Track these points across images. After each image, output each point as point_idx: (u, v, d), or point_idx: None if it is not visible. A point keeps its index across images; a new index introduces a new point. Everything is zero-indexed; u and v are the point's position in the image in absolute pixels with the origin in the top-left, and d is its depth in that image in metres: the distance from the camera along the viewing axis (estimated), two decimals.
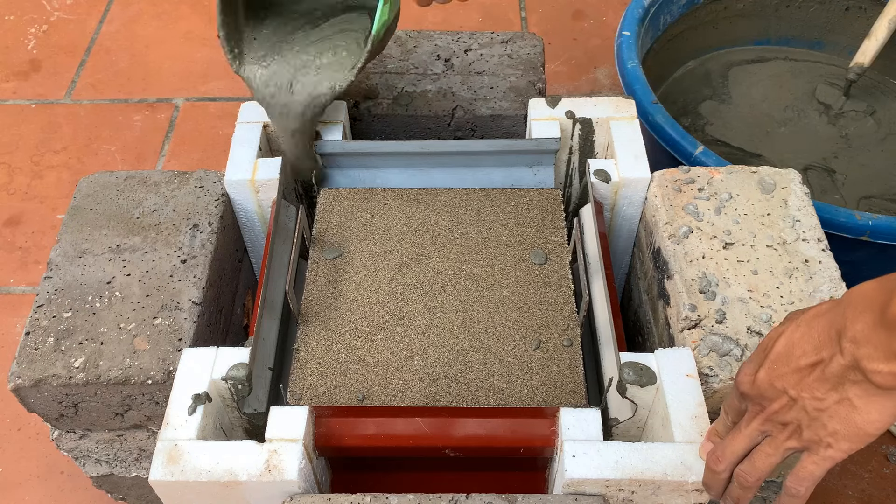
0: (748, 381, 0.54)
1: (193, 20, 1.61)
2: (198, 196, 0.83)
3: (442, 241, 0.81)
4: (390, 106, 0.93)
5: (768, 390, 0.52)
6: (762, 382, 0.52)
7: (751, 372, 0.53)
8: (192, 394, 0.66)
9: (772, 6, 1.34)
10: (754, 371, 0.53)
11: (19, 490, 0.99)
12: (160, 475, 0.62)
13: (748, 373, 0.54)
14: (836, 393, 0.49)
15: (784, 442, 0.52)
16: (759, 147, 1.22)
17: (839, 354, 0.48)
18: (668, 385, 0.66)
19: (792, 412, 0.51)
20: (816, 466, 0.51)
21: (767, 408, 0.53)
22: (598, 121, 0.89)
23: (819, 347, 0.49)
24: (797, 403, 0.51)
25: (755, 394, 0.53)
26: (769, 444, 0.53)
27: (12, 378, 0.70)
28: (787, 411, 0.51)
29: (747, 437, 0.54)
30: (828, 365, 0.49)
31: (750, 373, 0.54)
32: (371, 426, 0.68)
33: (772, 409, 0.52)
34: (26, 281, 1.20)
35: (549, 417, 0.67)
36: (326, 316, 0.75)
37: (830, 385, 0.49)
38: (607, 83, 1.49)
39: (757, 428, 0.54)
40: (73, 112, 1.44)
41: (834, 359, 0.48)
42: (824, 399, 0.49)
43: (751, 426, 0.54)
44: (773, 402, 0.52)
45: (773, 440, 0.53)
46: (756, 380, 0.53)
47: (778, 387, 0.51)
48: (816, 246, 0.75)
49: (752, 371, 0.53)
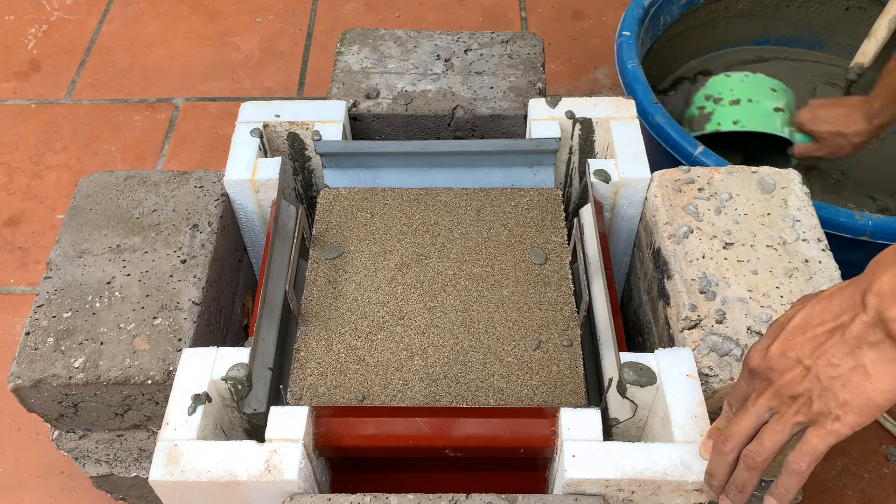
0: (758, 356, 0.54)
1: (193, 20, 1.61)
2: (198, 196, 0.83)
3: (442, 241, 0.81)
4: (390, 106, 0.93)
5: (780, 361, 0.52)
6: (774, 354, 0.52)
7: (762, 347, 0.54)
8: (191, 394, 0.66)
9: (772, 6, 1.34)
10: (767, 346, 0.53)
11: (19, 490, 0.99)
12: (160, 475, 0.62)
13: (759, 348, 0.54)
14: (852, 358, 0.49)
15: (792, 416, 0.52)
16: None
17: (862, 312, 0.48)
18: (668, 385, 0.66)
19: (804, 382, 0.51)
20: (821, 440, 0.51)
21: (777, 380, 0.52)
22: (598, 121, 0.89)
23: (840, 313, 0.49)
24: (810, 372, 0.50)
25: (765, 367, 0.53)
26: (777, 420, 0.53)
27: (12, 378, 0.70)
28: (800, 381, 0.51)
29: (754, 414, 0.54)
30: (848, 327, 0.49)
31: (761, 348, 0.54)
32: (371, 426, 0.68)
33: (782, 380, 0.52)
34: (26, 281, 1.20)
35: (549, 417, 0.67)
36: (326, 316, 0.75)
37: (848, 349, 0.49)
38: (607, 83, 1.49)
39: (765, 404, 0.54)
40: (73, 112, 1.44)
41: (856, 318, 0.48)
42: (839, 365, 0.49)
43: (758, 402, 0.54)
44: (785, 373, 0.52)
45: (781, 416, 0.53)
46: (768, 352, 0.53)
47: (791, 356, 0.51)
48: (816, 246, 0.75)
49: (765, 346, 0.53)
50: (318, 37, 1.58)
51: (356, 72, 0.97)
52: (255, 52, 1.54)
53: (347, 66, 0.97)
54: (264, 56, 1.54)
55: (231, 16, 1.62)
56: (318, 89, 1.48)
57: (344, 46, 1.00)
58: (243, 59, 1.53)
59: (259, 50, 1.55)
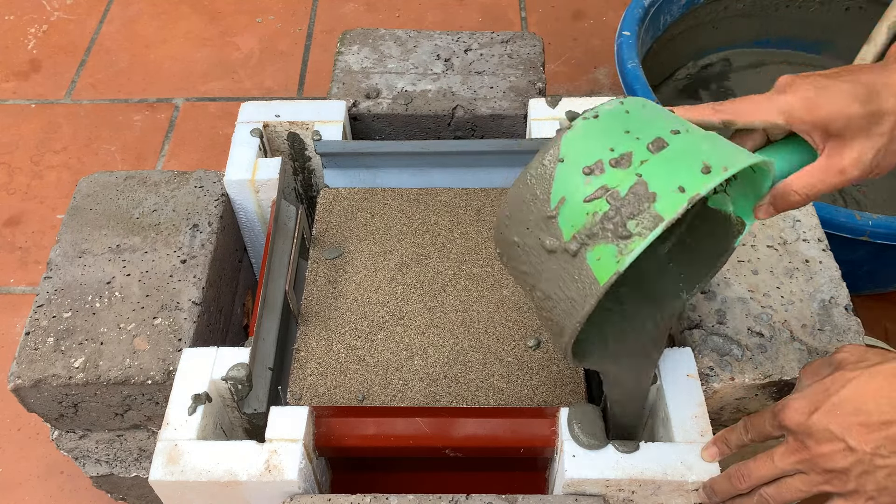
0: (799, 419, 0.52)
1: (193, 20, 1.61)
2: (198, 196, 0.83)
3: (442, 241, 0.81)
4: (390, 106, 0.93)
5: (822, 433, 0.51)
6: (817, 424, 0.51)
7: (804, 410, 0.52)
8: (192, 394, 0.66)
9: (772, 6, 1.34)
10: (810, 410, 0.52)
11: (19, 490, 0.99)
12: (160, 475, 0.62)
13: (801, 410, 0.52)
14: None
15: (821, 485, 0.52)
16: None
17: None
18: (668, 385, 0.66)
19: (844, 461, 0.50)
20: None
21: (814, 449, 0.51)
22: None
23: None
24: (854, 454, 0.49)
25: (803, 431, 0.52)
26: (803, 481, 0.53)
27: (12, 378, 0.70)
28: (840, 460, 0.50)
29: (780, 469, 0.54)
30: None
31: (803, 410, 0.52)
32: (371, 426, 0.68)
33: (819, 451, 0.51)
34: (26, 281, 1.20)
35: (550, 417, 0.67)
36: (326, 316, 0.75)
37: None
38: (607, 83, 1.49)
39: (793, 464, 0.53)
40: (73, 112, 1.44)
41: None
42: (887, 458, 0.49)
43: (787, 460, 0.53)
44: (823, 445, 0.51)
45: (809, 479, 0.52)
46: (811, 419, 0.51)
47: (836, 433, 0.50)
48: (817, 246, 0.75)
49: (807, 410, 0.52)
50: (318, 37, 1.58)
51: (356, 72, 0.97)
52: (255, 52, 1.54)
53: (347, 66, 0.97)
54: (264, 56, 1.54)
55: (231, 16, 1.62)
56: (318, 89, 1.48)
57: (344, 46, 1.00)
58: (243, 59, 1.53)
59: (259, 50, 1.55)
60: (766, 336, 0.69)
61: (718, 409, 0.70)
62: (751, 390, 0.68)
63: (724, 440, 0.60)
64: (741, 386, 0.67)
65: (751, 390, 0.68)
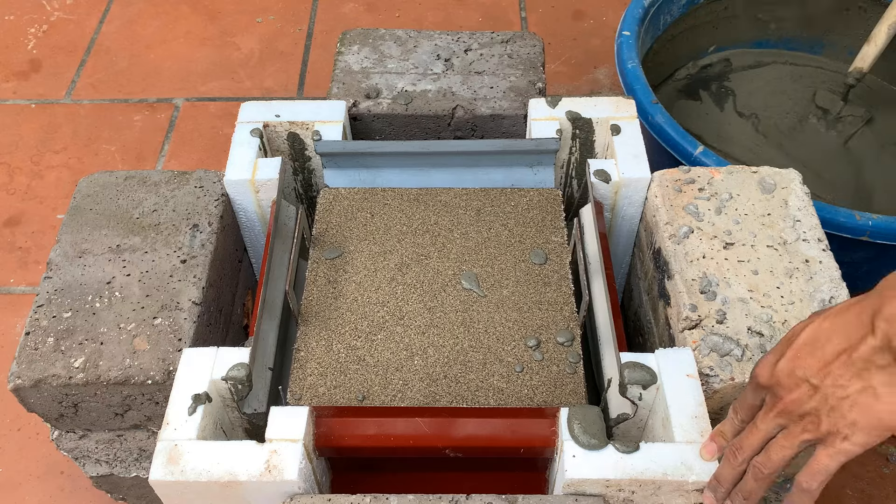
0: (767, 372, 0.53)
1: (193, 20, 1.61)
2: (198, 196, 0.83)
3: (442, 241, 0.81)
4: (390, 106, 0.93)
5: (788, 379, 0.52)
6: (782, 371, 0.52)
7: (770, 362, 0.53)
8: (192, 394, 0.66)
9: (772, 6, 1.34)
10: (774, 361, 0.53)
11: (19, 490, 0.99)
12: (160, 475, 0.62)
13: (767, 363, 0.53)
14: (860, 380, 0.48)
15: (800, 434, 0.52)
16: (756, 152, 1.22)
17: (871, 335, 0.48)
18: (668, 385, 0.66)
19: (812, 401, 0.51)
20: (831, 460, 0.51)
21: (785, 398, 0.52)
22: (598, 121, 0.89)
23: (848, 334, 0.49)
24: (818, 392, 0.50)
25: (773, 383, 0.53)
26: (784, 437, 0.53)
27: (12, 378, 0.70)
28: (807, 400, 0.51)
29: (763, 430, 0.54)
30: (856, 349, 0.48)
31: (770, 363, 0.53)
32: (371, 426, 0.68)
33: (790, 398, 0.52)
34: (26, 281, 1.20)
35: (550, 417, 0.67)
36: (326, 316, 0.75)
37: (855, 371, 0.49)
38: (607, 83, 1.49)
39: (773, 420, 0.54)
40: (73, 112, 1.44)
41: (864, 341, 0.48)
42: (847, 386, 0.49)
43: (767, 419, 0.54)
44: (793, 391, 0.52)
45: (789, 432, 0.53)
46: (776, 370, 0.52)
47: (799, 375, 0.51)
48: (817, 246, 0.75)
49: (773, 361, 0.53)
50: (318, 37, 1.58)
51: (356, 72, 0.97)
52: (255, 52, 1.54)
53: (347, 66, 0.97)
54: (264, 56, 1.54)
55: (231, 16, 1.62)
56: (318, 89, 1.48)
57: (344, 46, 1.00)
58: (243, 59, 1.53)
59: (259, 50, 1.55)
60: (766, 336, 0.69)
61: (718, 409, 0.70)
62: None
63: (720, 433, 0.61)
64: (741, 386, 0.67)
65: None
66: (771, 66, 1.36)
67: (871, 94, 1.30)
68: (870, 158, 1.21)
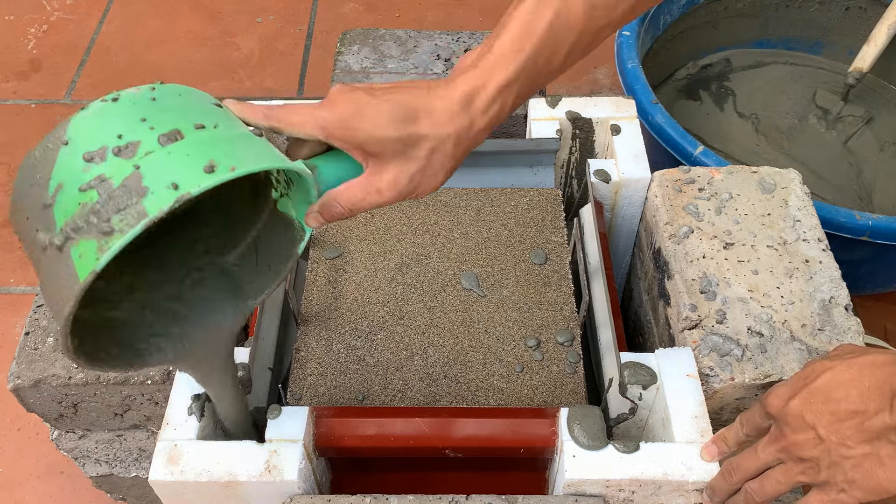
0: (779, 405, 0.53)
1: (193, 20, 1.61)
2: None
3: (442, 241, 0.81)
4: None
5: (796, 420, 0.51)
6: (793, 410, 0.52)
7: (784, 396, 0.53)
8: (192, 394, 0.66)
9: (772, 6, 1.34)
10: (788, 396, 0.52)
11: (19, 490, 0.99)
12: (160, 475, 0.62)
13: (781, 396, 0.53)
14: (868, 446, 0.48)
15: (797, 475, 0.52)
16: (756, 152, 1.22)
17: (887, 413, 0.48)
18: (668, 385, 0.66)
19: (814, 450, 0.50)
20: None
21: (789, 436, 0.52)
22: (598, 121, 0.89)
23: (866, 399, 0.49)
24: (822, 443, 0.50)
25: (781, 418, 0.53)
26: (782, 472, 0.53)
27: (12, 378, 0.70)
28: (810, 448, 0.51)
29: (762, 460, 0.54)
30: (870, 418, 0.48)
31: (783, 396, 0.53)
32: (371, 426, 0.68)
33: (794, 439, 0.52)
34: (26, 281, 1.20)
35: (550, 418, 0.67)
36: (326, 316, 0.75)
37: (865, 437, 0.48)
38: (607, 83, 1.49)
39: (773, 453, 0.54)
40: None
41: (879, 415, 0.48)
42: (853, 448, 0.49)
43: (767, 451, 0.54)
44: (797, 433, 0.51)
45: (787, 470, 0.53)
46: (788, 406, 0.52)
47: (808, 420, 0.51)
48: (817, 246, 0.75)
49: (786, 396, 0.52)
50: (318, 37, 1.58)
51: (356, 71, 0.97)
52: (255, 52, 1.54)
53: (347, 66, 0.97)
54: (264, 56, 1.54)
55: (231, 16, 1.62)
56: (318, 89, 1.48)
57: (344, 46, 1.00)
58: (243, 59, 1.53)
59: (259, 50, 1.55)
60: (766, 336, 0.69)
61: (718, 409, 0.70)
62: (751, 390, 0.68)
63: (723, 438, 0.61)
64: (741, 386, 0.67)
65: (751, 390, 0.68)
66: (771, 66, 1.36)
67: (871, 94, 1.30)
68: (870, 158, 1.21)
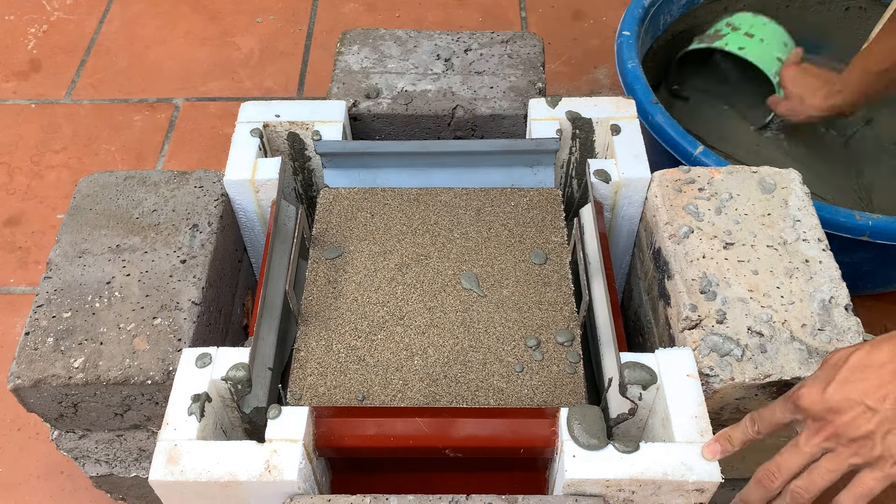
0: (814, 396, 0.52)
1: (193, 20, 1.61)
2: (197, 196, 0.83)
3: (442, 241, 0.81)
4: (390, 106, 0.93)
5: (841, 403, 0.51)
6: (834, 396, 0.51)
7: (818, 387, 0.52)
8: (191, 394, 0.66)
9: (772, 6, 1.34)
10: (822, 387, 0.52)
11: (19, 490, 0.99)
12: (160, 475, 0.62)
13: (814, 388, 0.53)
14: None
15: (848, 458, 0.51)
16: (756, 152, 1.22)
17: None
18: (668, 385, 0.66)
19: (869, 424, 0.50)
20: (877, 483, 0.50)
21: (835, 421, 0.51)
22: (598, 121, 0.89)
23: None
24: (876, 414, 0.50)
25: (821, 408, 0.52)
26: (831, 459, 0.52)
27: (12, 378, 0.70)
28: (863, 423, 0.50)
29: (807, 454, 0.54)
30: None
31: (818, 388, 0.52)
32: (371, 426, 0.68)
33: (842, 421, 0.51)
34: (26, 281, 1.20)
35: (550, 417, 0.67)
36: (326, 316, 0.75)
37: None
38: (607, 83, 1.49)
39: (818, 444, 0.53)
40: (73, 112, 1.44)
41: None
42: None
43: (811, 442, 0.53)
44: (845, 414, 0.51)
45: (837, 455, 0.52)
46: (826, 394, 0.52)
47: (854, 398, 0.50)
48: (817, 246, 0.75)
49: (820, 387, 0.52)
50: (318, 37, 1.58)
51: (356, 72, 0.97)
52: (255, 52, 1.54)
53: (347, 66, 0.97)
54: (264, 56, 1.54)
55: (231, 16, 1.62)
56: (318, 89, 1.48)
57: (344, 46, 1.00)
58: (243, 59, 1.53)
59: (259, 50, 1.55)
60: (766, 336, 0.69)
61: (718, 409, 0.70)
62: (751, 390, 0.68)
63: (727, 437, 0.60)
64: (741, 386, 0.67)
65: (751, 390, 0.68)
66: None
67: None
68: (870, 158, 1.21)
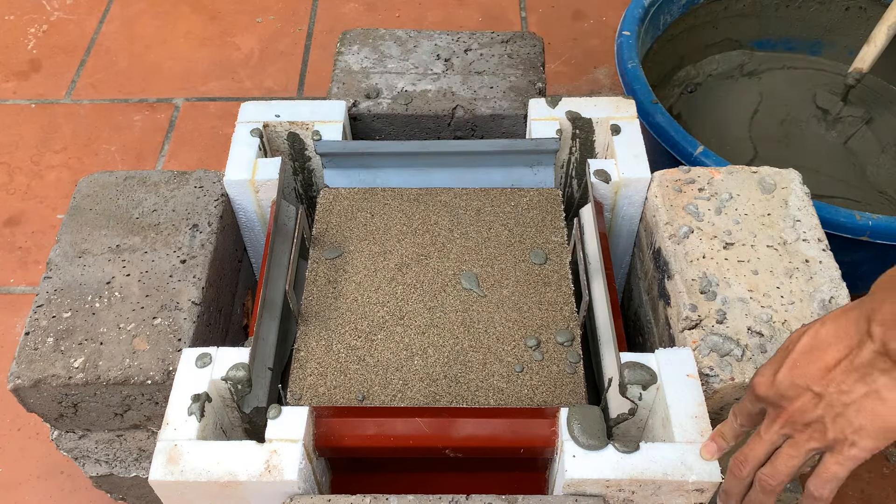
0: (766, 383, 0.53)
1: (193, 20, 1.61)
2: (197, 196, 0.83)
3: (442, 241, 0.81)
4: (390, 106, 0.93)
5: (790, 389, 0.51)
6: (783, 381, 0.51)
7: (769, 373, 0.53)
8: (191, 394, 0.66)
9: (772, 6, 1.34)
10: (773, 372, 0.52)
11: (19, 490, 0.99)
12: (160, 475, 0.62)
13: (766, 374, 0.53)
14: (864, 385, 0.48)
15: (806, 443, 0.52)
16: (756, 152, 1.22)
17: (869, 340, 0.47)
18: (668, 385, 0.66)
19: (817, 409, 0.50)
20: (840, 467, 0.50)
21: (788, 407, 0.52)
22: (598, 121, 0.89)
23: (848, 340, 0.49)
24: (822, 400, 0.50)
25: (774, 394, 0.52)
26: (791, 445, 0.53)
27: (12, 378, 0.70)
28: (812, 409, 0.50)
29: (768, 441, 0.54)
30: (857, 354, 0.48)
31: (769, 374, 0.53)
32: (371, 426, 0.68)
33: (793, 407, 0.51)
34: (26, 281, 1.20)
35: (550, 417, 0.67)
36: (326, 316, 0.75)
37: (858, 376, 0.48)
38: (607, 83, 1.49)
39: (777, 431, 0.53)
40: (73, 112, 1.44)
41: (863, 346, 0.48)
42: (851, 392, 0.49)
43: (771, 430, 0.54)
44: (795, 400, 0.51)
45: (795, 442, 0.52)
46: (776, 380, 0.52)
47: (801, 384, 0.51)
48: (817, 246, 0.75)
49: (771, 372, 0.52)
50: (318, 37, 1.58)
51: (356, 72, 0.97)
52: (255, 52, 1.54)
53: (347, 66, 0.97)
54: (264, 56, 1.54)
55: (231, 16, 1.62)
56: (318, 89, 1.48)
57: (344, 46, 1.00)
58: (243, 59, 1.53)
59: (259, 50, 1.55)
60: (766, 336, 0.69)
61: (718, 409, 0.70)
62: None
63: (720, 434, 0.61)
64: (741, 386, 0.67)
65: None
66: (767, 72, 1.36)
67: (870, 94, 1.30)
68: (870, 158, 1.21)
